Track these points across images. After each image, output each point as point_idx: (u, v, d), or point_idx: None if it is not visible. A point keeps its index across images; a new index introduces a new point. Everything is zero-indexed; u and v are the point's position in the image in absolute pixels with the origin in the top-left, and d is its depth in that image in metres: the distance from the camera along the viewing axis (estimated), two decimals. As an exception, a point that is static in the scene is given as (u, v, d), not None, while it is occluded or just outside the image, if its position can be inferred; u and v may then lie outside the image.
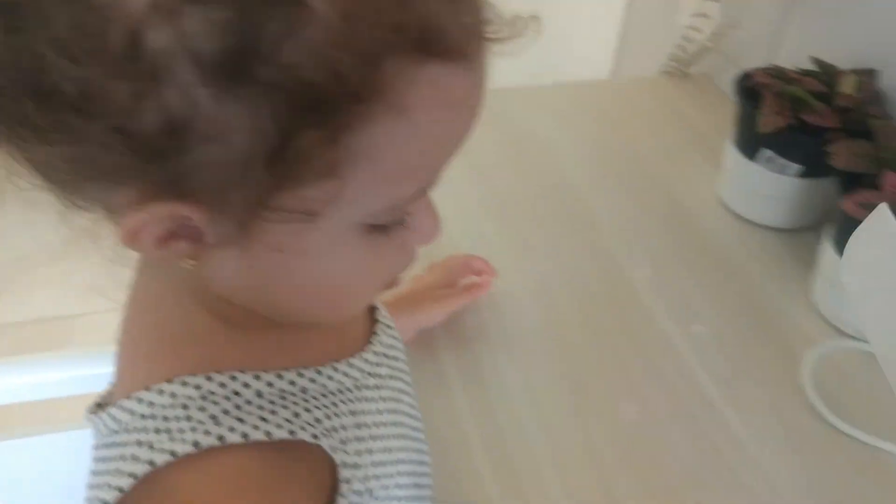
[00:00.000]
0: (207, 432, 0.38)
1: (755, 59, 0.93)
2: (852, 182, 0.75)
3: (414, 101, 0.32)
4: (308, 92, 0.30)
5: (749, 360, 0.75)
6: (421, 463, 0.54)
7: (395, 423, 0.51)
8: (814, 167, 0.84)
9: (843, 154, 0.76)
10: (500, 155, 1.03)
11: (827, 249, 0.78)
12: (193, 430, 0.38)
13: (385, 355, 0.52)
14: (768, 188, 0.88)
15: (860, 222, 0.72)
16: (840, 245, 0.77)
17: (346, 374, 0.47)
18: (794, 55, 0.92)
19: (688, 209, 0.94)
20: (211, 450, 0.38)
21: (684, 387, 0.72)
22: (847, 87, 0.84)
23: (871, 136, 0.78)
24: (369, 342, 0.51)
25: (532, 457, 0.65)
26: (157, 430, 0.38)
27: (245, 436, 0.38)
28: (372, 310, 0.54)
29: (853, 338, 0.77)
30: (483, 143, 1.05)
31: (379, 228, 0.38)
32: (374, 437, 0.48)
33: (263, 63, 0.29)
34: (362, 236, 0.38)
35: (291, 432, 0.40)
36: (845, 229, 0.76)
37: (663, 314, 0.79)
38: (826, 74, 0.87)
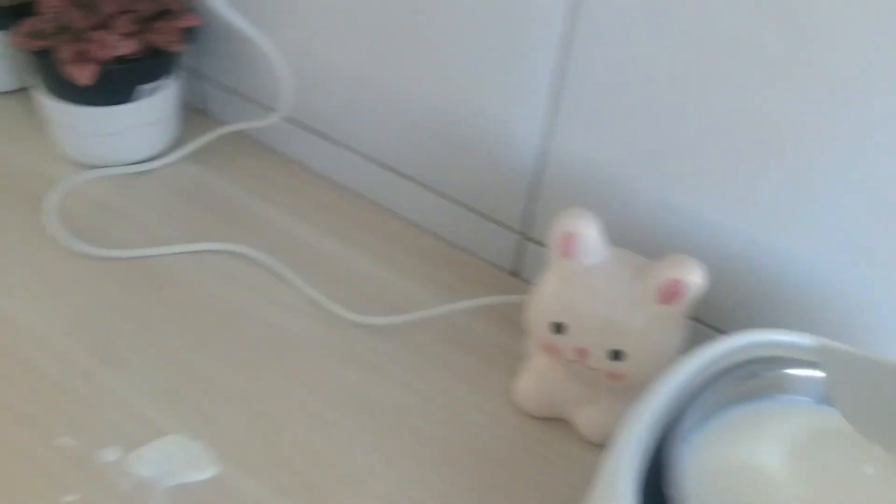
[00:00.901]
0: None
1: None
2: (23, 17, 0.73)
3: None
4: None
5: None
6: None
7: None
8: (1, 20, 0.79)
9: (-9, -10, 0.72)
10: None
11: (45, 94, 0.76)
12: None
13: None
14: (-31, 54, 0.82)
15: (38, 53, 0.71)
16: (48, 85, 0.75)
17: None
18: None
19: None
20: None
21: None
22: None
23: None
24: None
25: None
26: None
27: None
28: None
29: (97, 167, 0.78)
30: None
31: None
32: None
33: None
34: None
35: None
36: (38, 67, 0.74)
37: None
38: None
